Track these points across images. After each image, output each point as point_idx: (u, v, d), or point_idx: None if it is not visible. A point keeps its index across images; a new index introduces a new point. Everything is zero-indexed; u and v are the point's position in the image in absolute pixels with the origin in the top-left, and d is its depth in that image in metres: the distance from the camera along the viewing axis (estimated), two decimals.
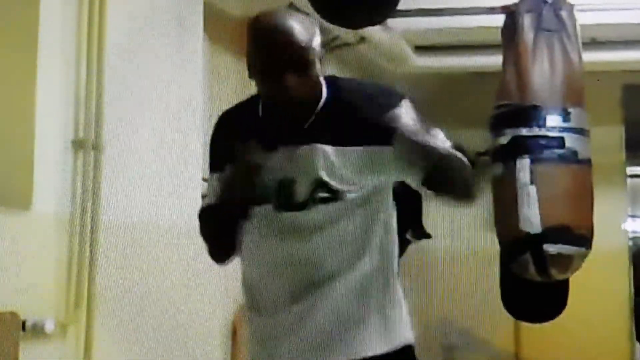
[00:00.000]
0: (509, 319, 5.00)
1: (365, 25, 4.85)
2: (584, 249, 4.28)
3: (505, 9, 4.56)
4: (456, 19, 5.51)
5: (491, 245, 4.52)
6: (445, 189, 2.24)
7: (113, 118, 3.69)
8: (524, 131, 4.30)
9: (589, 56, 4.61)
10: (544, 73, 4.33)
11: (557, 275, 4.30)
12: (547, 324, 4.77)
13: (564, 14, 4.43)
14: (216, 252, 2.41)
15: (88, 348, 3.51)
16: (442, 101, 7.21)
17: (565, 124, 4.28)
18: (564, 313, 4.63)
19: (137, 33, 3.97)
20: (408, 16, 5.18)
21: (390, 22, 5.41)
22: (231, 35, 4.67)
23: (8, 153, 3.35)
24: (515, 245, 4.29)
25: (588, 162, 4.34)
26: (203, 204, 2.43)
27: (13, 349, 3.13)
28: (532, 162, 4.25)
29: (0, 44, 3.40)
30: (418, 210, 2.47)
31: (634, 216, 8.28)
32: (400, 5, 4.08)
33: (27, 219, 3.32)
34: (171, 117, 4.15)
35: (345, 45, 5.69)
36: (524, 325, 6.24)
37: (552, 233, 4.21)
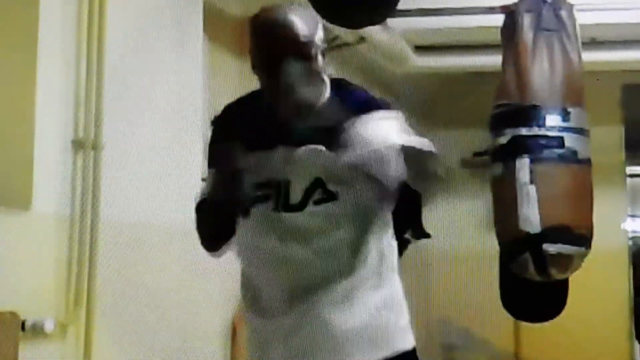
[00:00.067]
0: (509, 319, 5.01)
1: (365, 25, 4.85)
2: (583, 249, 4.28)
3: (504, 9, 4.56)
4: (456, 18, 5.51)
5: (491, 245, 4.52)
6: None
7: (113, 118, 3.68)
8: (524, 131, 4.30)
9: (588, 56, 4.62)
10: (543, 73, 4.33)
11: (557, 275, 4.30)
12: (547, 324, 4.77)
13: (563, 13, 4.43)
14: (207, 240, 2.38)
15: (88, 348, 3.51)
16: (442, 101, 7.22)
17: (564, 124, 4.28)
18: (564, 313, 4.63)
19: (137, 33, 3.97)
20: (408, 16, 5.19)
21: (390, 22, 5.40)
22: (231, 35, 4.66)
23: (8, 153, 3.35)
24: (515, 245, 4.29)
25: (588, 162, 4.34)
26: (199, 196, 2.40)
27: (13, 348, 3.12)
28: (532, 162, 4.25)
29: (0, 44, 3.40)
30: (418, 210, 2.46)
31: (634, 216, 8.30)
32: (400, 5, 4.08)
33: (27, 218, 3.31)
34: (171, 117, 4.15)
35: (345, 45, 5.69)
36: (524, 325, 6.25)
37: (552, 233, 4.21)
